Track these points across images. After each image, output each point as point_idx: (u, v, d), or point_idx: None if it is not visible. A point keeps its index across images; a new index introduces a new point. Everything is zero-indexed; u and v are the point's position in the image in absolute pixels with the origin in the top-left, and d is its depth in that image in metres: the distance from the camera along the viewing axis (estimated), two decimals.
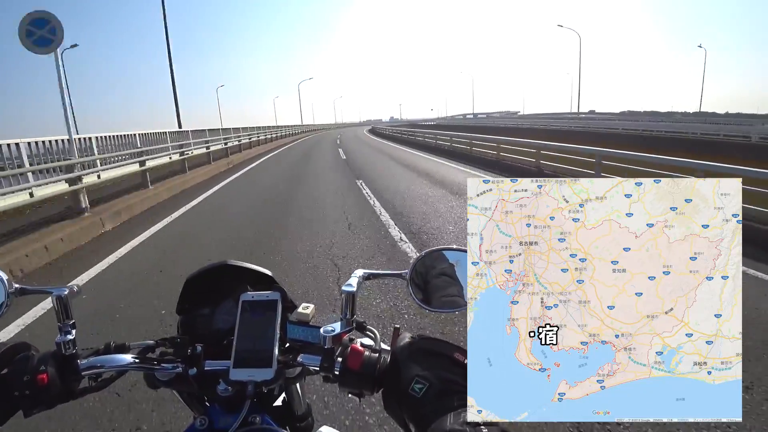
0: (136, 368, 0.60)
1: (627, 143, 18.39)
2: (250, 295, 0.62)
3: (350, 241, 5.51)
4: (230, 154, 17.63)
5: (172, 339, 0.63)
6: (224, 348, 0.61)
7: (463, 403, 0.44)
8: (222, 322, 0.67)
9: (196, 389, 0.61)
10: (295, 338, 0.60)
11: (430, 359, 0.50)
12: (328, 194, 9.00)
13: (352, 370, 0.55)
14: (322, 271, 4.48)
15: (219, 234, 6.02)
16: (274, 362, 0.57)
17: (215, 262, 0.71)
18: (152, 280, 4.35)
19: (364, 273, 0.66)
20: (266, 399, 0.63)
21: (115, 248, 5.65)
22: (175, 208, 8.24)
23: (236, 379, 0.57)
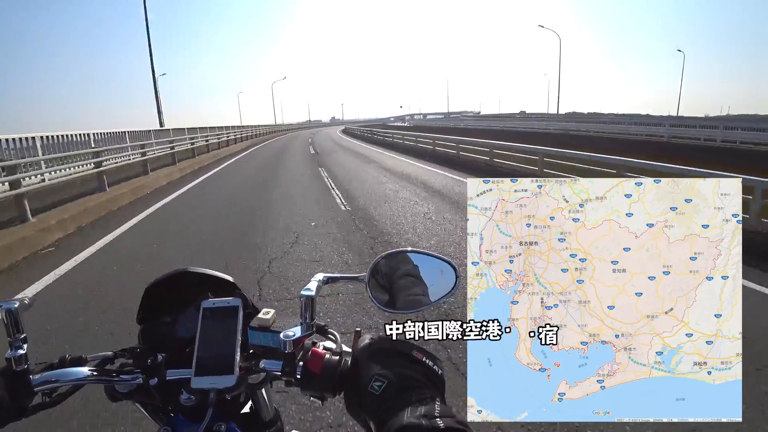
0: (94, 381, 0.58)
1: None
2: (211, 302, 0.62)
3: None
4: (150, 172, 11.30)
5: (132, 349, 0.62)
6: (187, 356, 0.60)
7: (420, 398, 0.44)
8: (184, 330, 0.66)
9: (159, 400, 0.60)
10: (256, 344, 0.60)
11: (389, 358, 0.50)
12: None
13: (313, 373, 0.54)
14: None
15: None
16: (236, 369, 0.56)
17: (175, 270, 0.69)
18: (94, 315, 3.27)
19: (323, 277, 0.65)
20: (232, 407, 0.62)
21: (57, 264, 4.66)
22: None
23: (198, 387, 0.56)
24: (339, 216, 6.14)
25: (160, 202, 8.27)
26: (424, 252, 0.65)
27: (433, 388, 0.47)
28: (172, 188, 9.97)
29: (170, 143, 13.80)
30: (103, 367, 0.60)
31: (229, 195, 8.84)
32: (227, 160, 16.79)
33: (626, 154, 10.40)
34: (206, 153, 17.29)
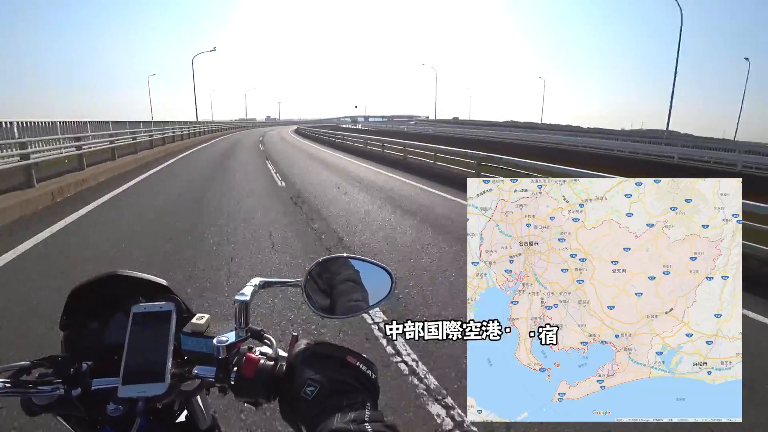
0: (6, 393, 0.54)
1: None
2: (142, 307, 0.59)
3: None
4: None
5: (52, 358, 0.58)
6: (115, 365, 0.56)
7: (351, 402, 0.44)
8: (112, 337, 0.62)
9: (83, 411, 0.56)
10: (189, 350, 0.58)
11: (323, 363, 0.50)
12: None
13: (247, 378, 0.53)
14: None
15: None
16: (167, 375, 0.54)
17: (104, 273, 0.65)
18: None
19: (259, 281, 0.63)
20: (166, 416, 0.60)
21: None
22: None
23: (125, 395, 0.53)
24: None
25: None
26: (362, 258, 0.66)
27: (365, 393, 0.48)
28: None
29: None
30: (18, 378, 0.56)
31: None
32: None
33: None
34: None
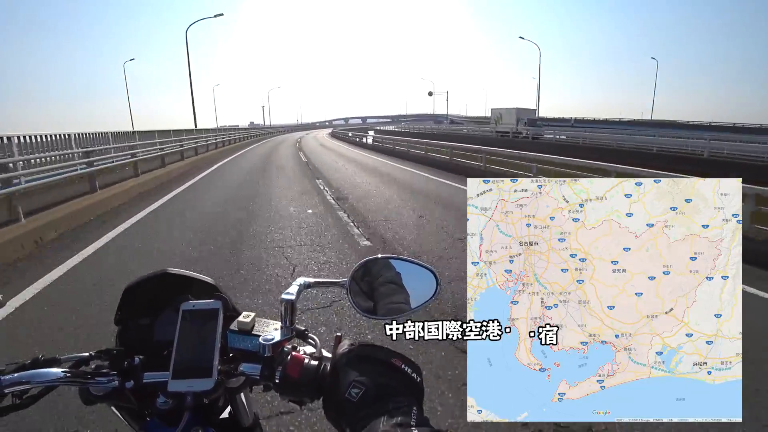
0: (67, 383, 0.56)
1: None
2: (191, 304, 0.60)
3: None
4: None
5: (108, 351, 0.60)
6: (165, 360, 0.58)
7: (397, 406, 0.44)
8: (162, 333, 0.64)
9: (134, 403, 0.59)
10: (236, 347, 0.59)
11: (368, 365, 0.50)
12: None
13: (292, 377, 0.54)
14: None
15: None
16: (214, 372, 0.55)
17: (155, 271, 0.68)
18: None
19: (304, 281, 0.64)
20: (210, 412, 0.61)
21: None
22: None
23: (174, 390, 0.55)
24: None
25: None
26: (406, 259, 0.66)
27: (411, 396, 0.47)
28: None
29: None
30: (78, 368, 0.59)
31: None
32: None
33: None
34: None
